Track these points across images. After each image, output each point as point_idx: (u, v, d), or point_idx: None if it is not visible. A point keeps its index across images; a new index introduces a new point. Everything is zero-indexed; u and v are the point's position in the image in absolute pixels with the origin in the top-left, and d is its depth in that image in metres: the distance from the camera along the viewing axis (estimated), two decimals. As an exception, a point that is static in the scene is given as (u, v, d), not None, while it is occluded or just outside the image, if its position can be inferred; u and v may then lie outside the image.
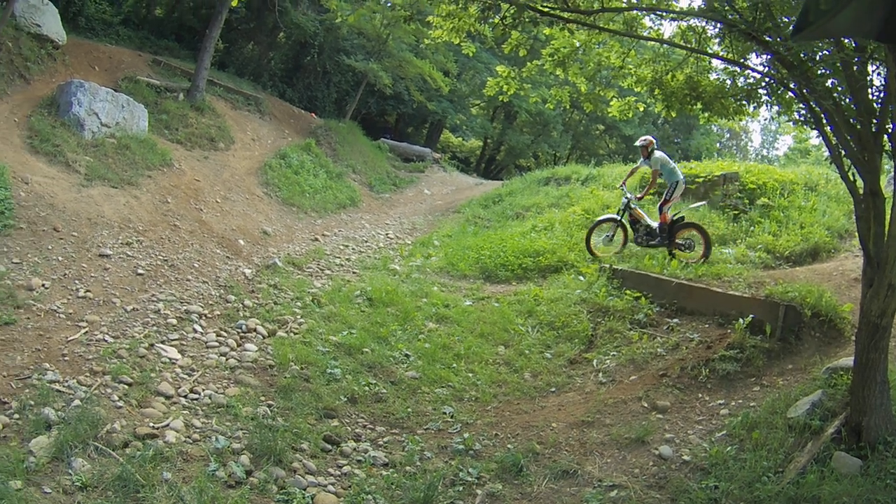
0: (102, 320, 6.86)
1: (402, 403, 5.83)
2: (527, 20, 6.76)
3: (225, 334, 6.97)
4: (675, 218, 9.34)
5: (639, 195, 10.14)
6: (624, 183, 10.34)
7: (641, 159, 9.87)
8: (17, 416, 5.02)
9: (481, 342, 7.01)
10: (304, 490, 4.51)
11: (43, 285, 7.16)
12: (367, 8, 17.96)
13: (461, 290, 8.77)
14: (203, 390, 5.75)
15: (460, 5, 6.89)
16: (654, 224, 9.42)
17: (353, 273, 9.69)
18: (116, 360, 5.94)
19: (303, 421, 5.34)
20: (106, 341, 6.37)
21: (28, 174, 9.32)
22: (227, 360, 6.35)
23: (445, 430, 5.48)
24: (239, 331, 7.09)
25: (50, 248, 8.09)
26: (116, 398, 5.34)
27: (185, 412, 5.31)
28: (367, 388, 6.01)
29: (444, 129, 28.22)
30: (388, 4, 19.47)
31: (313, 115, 20.46)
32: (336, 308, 7.77)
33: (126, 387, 5.55)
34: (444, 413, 5.73)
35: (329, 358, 6.44)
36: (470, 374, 6.41)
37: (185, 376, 5.95)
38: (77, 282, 7.54)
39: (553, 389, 6.23)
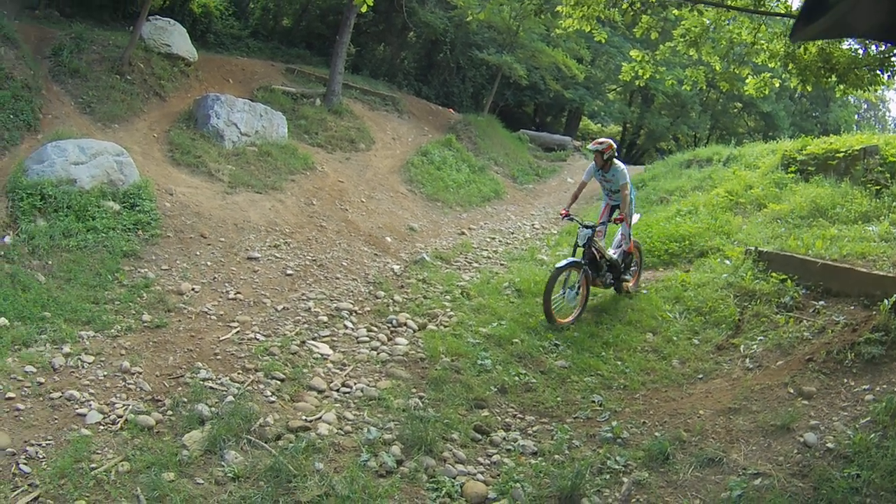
0: (253, 320, 7.68)
1: (551, 392, 6.27)
2: (655, 3, 7.41)
3: (376, 329, 7.57)
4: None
5: (600, 221, 8.68)
6: (569, 206, 8.64)
7: (592, 167, 8.54)
8: (170, 412, 5.67)
9: (629, 329, 7.51)
10: (454, 479, 4.89)
11: (193, 289, 8.20)
12: (494, 2, 19.24)
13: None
14: (355, 384, 6.27)
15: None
16: (615, 255, 8.47)
17: (501, 265, 10.38)
18: (269, 357, 6.61)
19: (453, 411, 5.78)
20: (258, 340, 7.09)
21: (172, 185, 10.63)
22: (378, 354, 6.92)
23: (594, 418, 5.89)
24: (389, 325, 7.69)
25: (198, 253, 9.16)
26: (269, 393, 5.91)
27: (337, 405, 5.82)
28: (516, 378, 6.47)
29: (582, 116, 30.29)
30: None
31: (451, 110, 22.08)
32: (485, 300, 8.40)
33: (279, 382, 6.13)
34: (593, 401, 6.17)
35: (479, 349, 6.96)
36: (618, 363, 6.86)
37: (337, 371, 6.52)
38: (227, 284, 8.54)
39: (700, 376, 6.61)
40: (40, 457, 4.96)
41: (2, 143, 9.94)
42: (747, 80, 8.58)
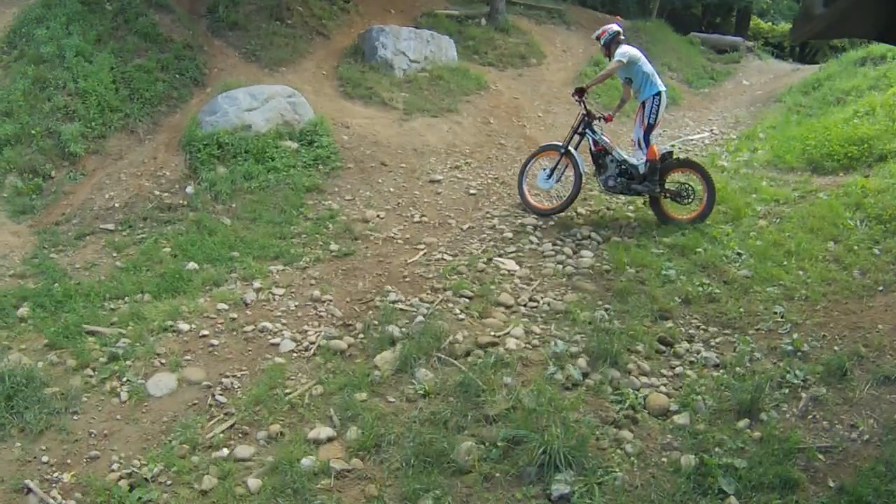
0: (440, 241, 7.80)
1: (734, 303, 6.37)
2: None
3: (560, 243, 7.70)
4: (664, 152, 8.01)
5: (606, 114, 8.39)
6: (583, 90, 8.18)
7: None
8: (361, 336, 5.88)
9: (811, 238, 7.47)
10: (637, 391, 5.13)
11: (378, 216, 8.43)
12: None
13: (789, 183, 9.27)
14: (542, 298, 6.47)
15: None
16: (637, 161, 7.98)
17: None
18: (456, 276, 6.84)
19: (638, 323, 5.96)
20: (445, 260, 7.29)
21: (347, 119, 10.85)
22: (563, 267, 7.09)
23: (776, 330, 5.96)
24: (574, 239, 7.82)
25: (380, 181, 9.36)
26: (458, 311, 6.12)
27: (524, 320, 6.04)
28: (700, 288, 6.61)
29: (751, 15, 30.23)
30: None
31: (618, 18, 21.37)
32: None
33: (467, 300, 6.35)
34: (775, 313, 6.20)
35: (663, 259, 7.14)
36: (800, 272, 6.86)
37: (524, 286, 6.71)
38: (411, 208, 8.72)
39: (881, 288, 6.47)
40: (235, 387, 5.22)
41: (173, 102, 10.67)
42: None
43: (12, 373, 4.99)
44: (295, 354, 5.62)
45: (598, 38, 8.46)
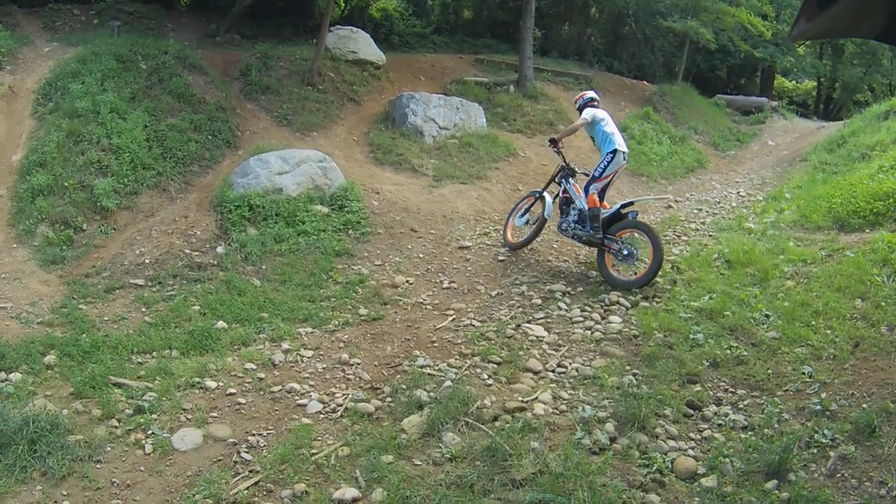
0: (468, 307, 8.02)
1: (762, 365, 6.51)
2: None
3: (589, 309, 7.95)
4: (620, 207, 8.74)
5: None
6: (555, 141, 9.44)
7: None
8: (389, 399, 6.03)
9: (838, 296, 7.60)
10: (665, 455, 5.25)
11: (407, 281, 8.73)
12: None
13: (816, 242, 9.46)
14: (570, 364, 6.68)
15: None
16: (584, 206, 8.84)
17: (710, 236, 10.74)
18: (485, 342, 7.06)
19: (666, 387, 6.15)
20: (473, 326, 7.50)
21: (377, 184, 11.29)
22: (592, 333, 7.32)
23: (804, 390, 6.09)
24: (602, 304, 8.05)
25: (410, 247, 9.69)
26: (486, 377, 6.35)
27: (552, 385, 6.26)
28: (728, 351, 6.77)
29: (775, 74, 31.52)
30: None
31: (644, 82, 23.16)
32: (695, 273, 8.74)
33: (495, 366, 6.57)
34: (803, 373, 6.33)
35: (691, 324, 7.32)
36: (828, 331, 6.95)
37: (552, 352, 6.94)
38: (440, 274, 9.00)
39: None
40: (261, 445, 5.36)
41: (205, 162, 11.23)
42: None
43: (37, 417, 5.16)
44: (322, 416, 5.77)
45: (575, 103, 9.67)
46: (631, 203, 8.91)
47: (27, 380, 6.08)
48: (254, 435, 5.44)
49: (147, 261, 8.62)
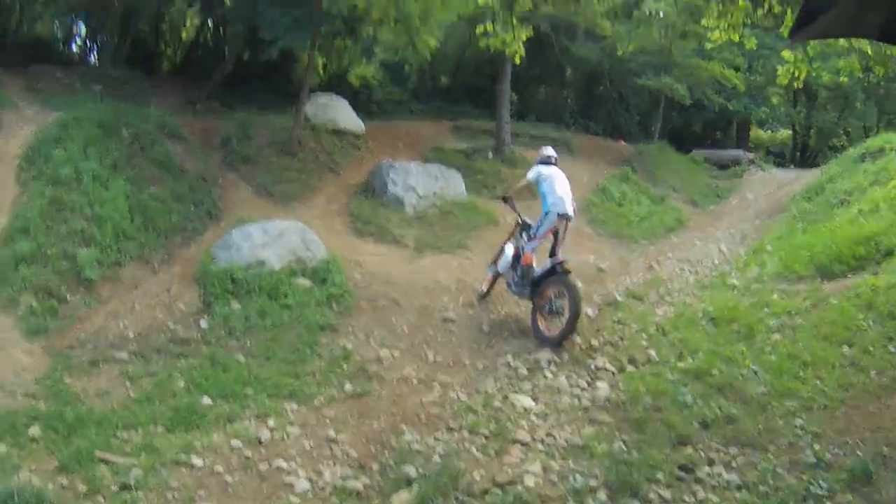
0: (454, 380, 8.16)
1: (752, 421, 6.54)
2: None
3: (575, 376, 8.04)
4: (552, 265, 9.09)
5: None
6: (507, 198, 10.38)
7: None
8: (378, 476, 6.11)
9: (825, 345, 7.71)
10: None
11: (392, 355, 8.85)
12: (641, 29, 21.63)
13: (800, 293, 9.54)
14: (559, 433, 6.72)
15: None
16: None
17: (693, 295, 10.77)
18: (472, 415, 7.12)
19: (657, 451, 6.13)
20: (460, 399, 7.61)
21: (359, 256, 11.54)
22: (580, 401, 7.41)
23: (796, 443, 6.13)
24: (589, 371, 8.15)
25: (393, 320, 9.84)
26: (475, 450, 6.42)
27: (542, 456, 6.27)
28: (717, 410, 6.79)
29: (750, 126, 32.19)
30: (662, 15, 22.72)
31: (621, 141, 23.82)
32: (681, 334, 8.80)
33: (484, 439, 6.62)
34: (795, 426, 6.39)
35: (679, 385, 7.34)
36: (817, 382, 7.05)
37: (540, 422, 7.00)
38: (425, 347, 9.16)
39: None
40: (251, 526, 5.40)
41: (187, 233, 11.51)
42: (902, 59, 8.64)
43: (22, 491, 5.19)
44: (310, 494, 5.83)
45: (538, 155, 10.36)
46: (563, 261, 9.17)
47: (12, 452, 6.09)
48: (242, 515, 5.52)
49: (131, 334, 8.74)
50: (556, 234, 9.52)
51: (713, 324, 8.96)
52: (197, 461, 6.18)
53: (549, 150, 10.39)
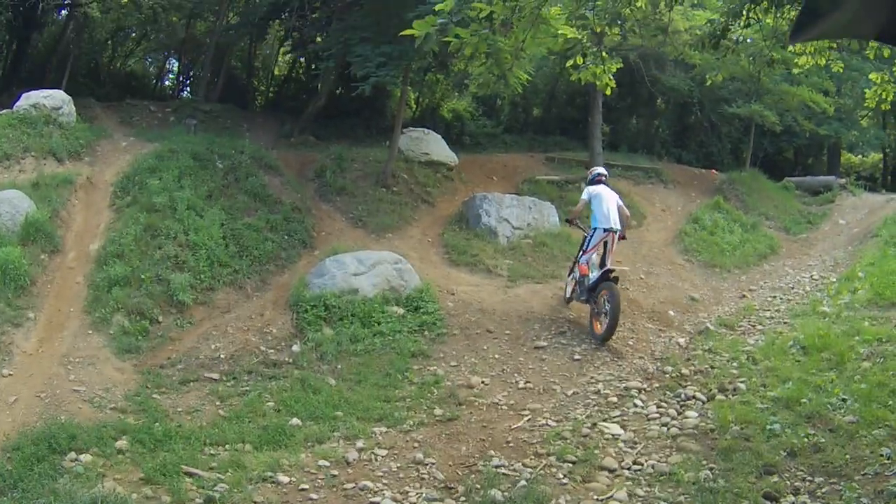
0: (544, 407, 8.16)
1: (840, 451, 6.50)
2: None
3: (665, 405, 8.12)
4: (602, 273, 10.05)
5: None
6: (570, 221, 11.66)
7: None
8: (463, 499, 6.17)
9: None
10: None
11: (483, 382, 8.91)
12: (730, 57, 20.68)
13: (891, 320, 9.58)
14: (646, 461, 6.76)
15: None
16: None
17: (784, 323, 10.84)
18: (560, 441, 7.19)
19: (743, 480, 6.16)
20: (549, 426, 7.64)
21: (453, 285, 11.72)
22: (668, 429, 7.45)
23: (882, 472, 6.08)
24: (678, 399, 8.24)
25: (485, 348, 9.92)
26: (561, 476, 6.47)
27: (628, 483, 6.33)
28: (805, 439, 6.80)
29: (841, 151, 31.76)
30: (749, 41, 22.08)
31: (713, 171, 23.73)
32: (771, 362, 8.82)
33: (570, 465, 6.69)
34: (882, 455, 6.33)
35: (768, 414, 7.37)
36: None
37: (628, 450, 7.05)
38: (516, 374, 9.16)
39: None
40: (334, 543, 5.48)
41: (281, 262, 11.87)
42: None
43: (106, 499, 5.44)
44: (395, 514, 5.91)
45: (588, 175, 11.53)
46: (611, 270, 10.11)
47: (97, 462, 6.41)
48: (327, 532, 5.61)
49: (222, 356, 9.08)
50: (605, 245, 10.50)
51: (804, 352, 8.98)
52: (283, 478, 6.35)
53: (598, 169, 11.46)
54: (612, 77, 10.77)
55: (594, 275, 10.21)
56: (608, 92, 9.61)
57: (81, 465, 6.29)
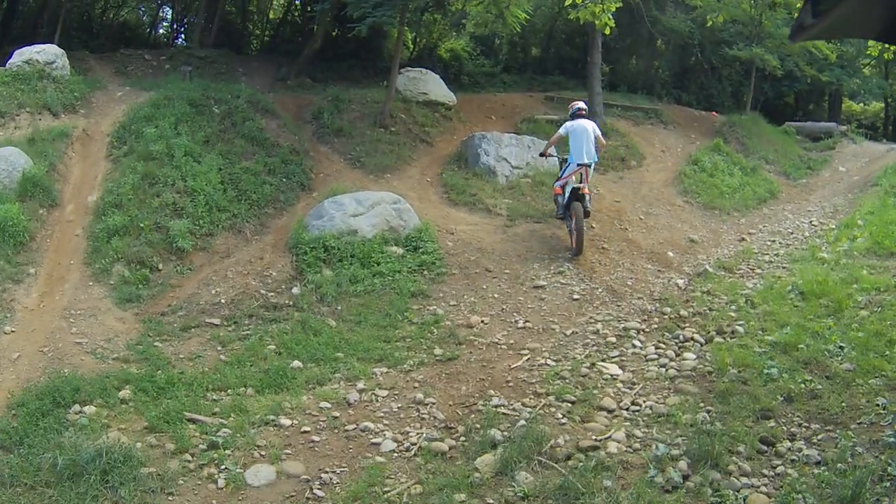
0: (543, 346, 8.19)
1: (836, 398, 6.56)
2: None
3: (663, 346, 8.14)
4: (571, 191, 10.87)
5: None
6: (543, 154, 12.49)
7: None
8: (463, 438, 6.23)
9: None
10: (738, 492, 5.32)
11: (482, 321, 8.93)
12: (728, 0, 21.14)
13: (889, 269, 9.65)
14: (644, 402, 6.84)
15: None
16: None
17: (783, 268, 10.96)
18: (559, 381, 7.25)
19: (740, 424, 6.20)
20: (548, 365, 7.68)
21: (452, 225, 11.67)
22: (666, 370, 7.48)
23: (878, 422, 6.12)
24: (677, 341, 8.26)
25: (484, 287, 9.93)
26: (560, 416, 6.54)
27: (626, 424, 6.39)
28: (802, 385, 6.83)
29: (842, 98, 31.58)
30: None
31: (714, 114, 23.60)
32: (769, 307, 8.87)
33: (569, 405, 6.75)
34: (877, 405, 6.37)
35: (766, 358, 7.39)
36: None
37: (627, 390, 7.11)
38: (515, 314, 9.18)
39: None
40: (334, 482, 5.59)
41: (279, 205, 11.83)
42: None
43: (111, 449, 5.45)
44: (395, 454, 5.97)
45: (569, 109, 11.94)
46: (579, 188, 10.81)
47: (101, 413, 6.45)
48: (327, 472, 5.66)
49: (223, 301, 9.08)
50: (581, 176, 11.00)
51: (802, 297, 9.02)
52: (285, 421, 6.40)
53: (578, 104, 11.78)
54: (611, 17, 10.54)
55: (567, 191, 10.89)
56: (607, 31, 9.37)
57: (86, 417, 6.33)
